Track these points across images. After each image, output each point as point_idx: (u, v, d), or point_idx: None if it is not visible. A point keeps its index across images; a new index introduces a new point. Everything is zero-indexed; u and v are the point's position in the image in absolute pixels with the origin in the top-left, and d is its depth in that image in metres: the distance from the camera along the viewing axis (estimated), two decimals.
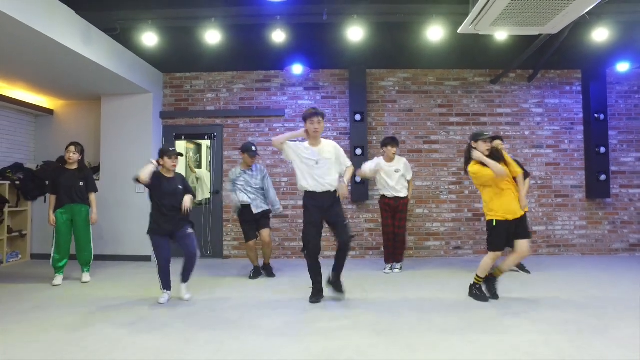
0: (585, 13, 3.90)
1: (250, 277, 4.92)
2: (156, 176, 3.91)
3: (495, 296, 3.84)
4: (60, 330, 3.11)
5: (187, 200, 3.94)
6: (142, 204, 6.21)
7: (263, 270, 5.05)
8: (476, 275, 3.89)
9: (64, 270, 4.77)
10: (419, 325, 3.17)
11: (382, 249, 5.53)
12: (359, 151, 6.17)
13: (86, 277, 4.82)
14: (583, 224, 6.39)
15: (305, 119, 3.82)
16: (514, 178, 3.84)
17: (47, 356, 2.64)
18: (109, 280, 4.88)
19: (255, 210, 4.87)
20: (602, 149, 6.23)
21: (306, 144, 3.91)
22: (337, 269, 3.90)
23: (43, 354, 2.67)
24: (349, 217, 6.26)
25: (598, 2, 3.47)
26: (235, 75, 6.59)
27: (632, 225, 6.38)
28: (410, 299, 3.94)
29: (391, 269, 5.20)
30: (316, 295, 3.88)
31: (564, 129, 6.50)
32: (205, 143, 8.07)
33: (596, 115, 6.28)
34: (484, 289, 3.88)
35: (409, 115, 6.51)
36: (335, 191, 3.85)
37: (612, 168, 6.38)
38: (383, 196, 5.23)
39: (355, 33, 4.53)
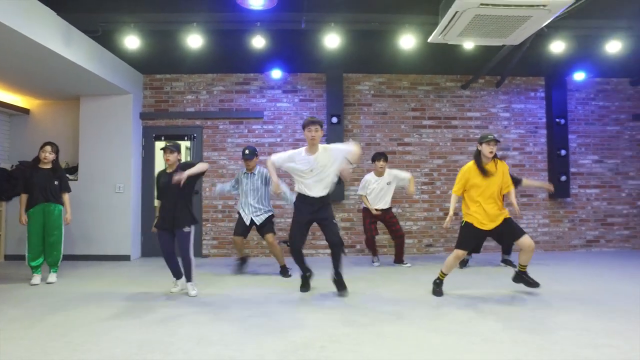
0: (544, 26, 4.26)
1: (235, 273, 5.13)
2: (162, 173, 4.13)
3: (535, 284, 3.96)
4: (44, 327, 3.19)
5: (183, 173, 3.84)
6: (120, 204, 6.26)
7: (281, 273, 5.03)
8: (441, 271, 4.06)
9: (40, 269, 4.77)
10: (389, 316, 3.41)
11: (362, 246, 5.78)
12: None
13: (52, 277, 4.75)
14: (546, 222, 6.81)
15: (303, 127, 3.98)
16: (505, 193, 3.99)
17: (34, 352, 2.74)
18: (90, 278, 4.93)
19: (258, 222, 4.95)
20: (563, 152, 6.67)
21: (303, 152, 4.01)
22: (335, 267, 4.02)
23: (30, 351, 2.76)
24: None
25: (552, 18, 3.82)
26: (215, 77, 6.72)
27: (588, 223, 6.85)
28: (383, 293, 4.18)
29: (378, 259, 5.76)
30: (305, 285, 4.19)
31: (529, 133, 6.91)
32: (184, 144, 8.15)
33: (557, 120, 6.72)
34: (526, 280, 4.00)
35: (383, 118, 6.79)
36: (326, 195, 4.01)
37: (572, 169, 6.83)
38: (366, 209, 5.55)
39: (332, 40, 4.75)
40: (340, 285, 4.02)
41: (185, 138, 6.74)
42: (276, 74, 6.53)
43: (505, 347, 2.70)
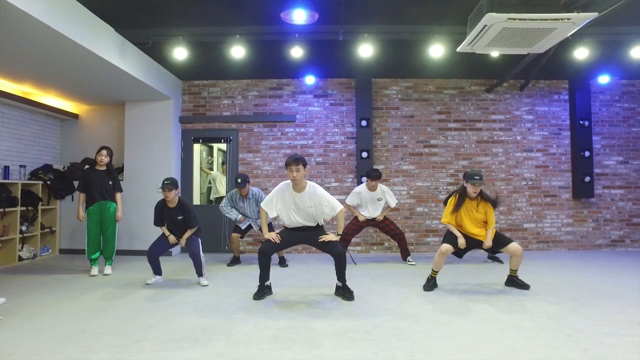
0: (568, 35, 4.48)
1: (228, 265, 5.74)
2: (164, 206, 4.66)
3: (526, 286, 4.22)
4: (114, 311, 3.61)
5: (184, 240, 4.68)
6: None
7: (279, 264, 5.69)
8: (432, 269, 4.33)
9: (98, 261, 5.24)
10: (376, 310, 3.71)
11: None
12: (364, 154, 6.70)
13: (108, 269, 5.20)
14: (569, 221, 6.97)
15: (286, 165, 3.84)
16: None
17: (116, 330, 3.14)
18: (140, 270, 5.36)
19: (257, 229, 5.64)
20: (587, 153, 6.82)
21: (291, 189, 3.92)
22: (339, 278, 3.98)
23: (112, 329, 3.17)
24: None
25: (578, 27, 4.04)
26: (250, 82, 7.10)
27: (613, 223, 6.97)
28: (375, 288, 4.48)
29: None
30: (259, 293, 3.97)
31: (552, 134, 7.08)
32: (217, 145, 8.60)
33: (581, 122, 6.87)
34: (517, 283, 4.28)
35: (410, 121, 7.06)
36: (316, 225, 4.02)
37: (596, 170, 6.97)
38: (356, 218, 5.82)
39: (365, 50, 5.05)
40: (346, 295, 3.92)
41: (222, 140, 7.15)
42: (310, 80, 6.90)
43: (532, 333, 2.97)
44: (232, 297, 4.02)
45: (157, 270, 4.74)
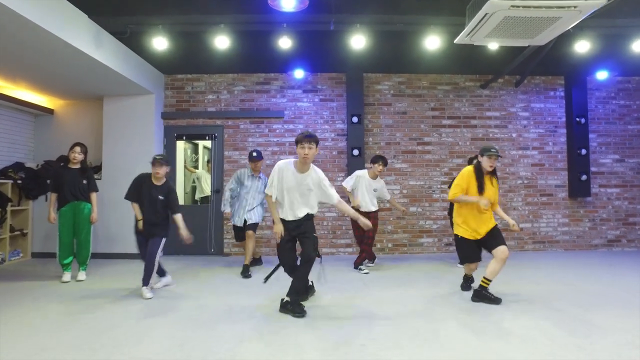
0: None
1: (244, 276, 4.97)
2: (146, 179, 4.18)
3: (497, 300, 3.75)
4: (84, 323, 3.27)
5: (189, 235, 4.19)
6: None
7: (242, 273, 5.04)
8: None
9: (71, 267, 4.87)
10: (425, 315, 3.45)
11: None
12: (356, 152, 6.43)
13: (82, 275, 4.84)
14: (566, 221, 6.80)
15: (296, 142, 3.49)
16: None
17: (81, 348, 2.81)
18: (117, 276, 5.01)
19: (249, 221, 5.17)
20: (583, 151, 6.66)
21: (293, 168, 3.57)
22: (293, 290, 3.51)
23: (76, 346, 2.84)
24: None
25: (583, 17, 3.82)
26: (236, 77, 6.77)
27: (609, 222, 6.82)
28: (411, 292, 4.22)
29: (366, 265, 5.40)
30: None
31: (548, 132, 6.90)
32: (202, 143, 8.24)
33: (577, 119, 6.69)
34: (487, 297, 3.80)
35: (403, 117, 6.81)
36: (307, 215, 3.63)
37: (592, 169, 6.81)
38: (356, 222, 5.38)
39: (358, 41, 4.78)
40: (296, 309, 3.43)
41: (207, 137, 6.82)
42: (299, 74, 6.59)
43: (542, 345, 2.73)
44: (215, 308, 3.70)
45: (160, 272, 4.35)
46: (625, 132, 6.93)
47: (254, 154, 5.23)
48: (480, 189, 3.87)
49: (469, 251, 3.98)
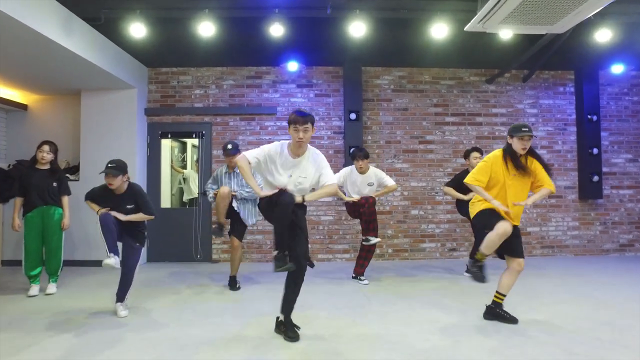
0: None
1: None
2: (107, 189, 3.62)
3: (514, 320, 3.29)
4: (41, 353, 2.81)
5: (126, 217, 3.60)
6: None
7: (229, 284, 4.54)
8: (478, 251, 3.36)
9: (39, 279, 4.40)
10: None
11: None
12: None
13: (52, 288, 4.35)
14: (576, 224, 6.41)
15: (289, 124, 2.95)
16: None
17: None
18: (92, 288, 4.54)
19: (241, 216, 4.42)
20: (595, 150, 6.27)
21: (286, 150, 3.01)
22: (284, 304, 3.02)
23: None
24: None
25: (611, 1, 3.41)
26: (225, 70, 6.31)
27: (622, 226, 6.45)
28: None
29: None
30: (280, 260, 2.89)
31: (558, 130, 6.51)
32: (191, 141, 7.76)
33: (589, 117, 6.31)
34: (502, 315, 3.34)
35: (404, 114, 6.38)
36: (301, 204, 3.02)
37: (604, 169, 6.43)
38: (346, 203, 4.83)
39: (357, 28, 4.34)
40: (290, 328, 2.99)
41: (194, 135, 6.35)
42: (292, 66, 6.12)
43: None
44: (196, 328, 3.25)
45: (112, 247, 3.48)
46: (639, 130, 6.55)
47: (229, 146, 4.36)
48: (518, 167, 3.19)
49: (493, 218, 3.18)
